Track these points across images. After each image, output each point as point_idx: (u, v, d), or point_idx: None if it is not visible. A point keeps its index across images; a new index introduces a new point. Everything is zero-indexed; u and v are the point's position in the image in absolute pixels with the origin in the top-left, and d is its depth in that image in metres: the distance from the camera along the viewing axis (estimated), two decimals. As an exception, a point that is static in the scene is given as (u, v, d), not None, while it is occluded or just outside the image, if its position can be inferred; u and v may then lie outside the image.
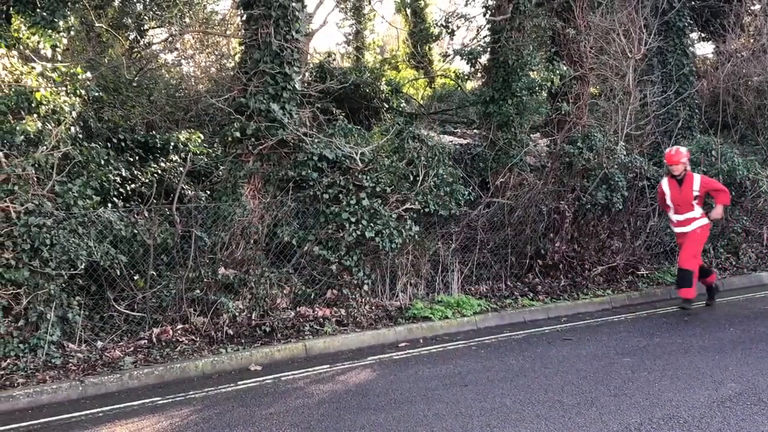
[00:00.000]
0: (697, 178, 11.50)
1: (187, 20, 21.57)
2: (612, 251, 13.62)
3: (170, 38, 22.13)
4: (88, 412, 7.39)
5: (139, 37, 20.45)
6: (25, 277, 8.41)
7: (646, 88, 16.70)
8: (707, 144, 15.12)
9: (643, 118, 16.02)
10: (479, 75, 15.78)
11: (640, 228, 14.13)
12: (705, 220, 11.54)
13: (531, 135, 14.56)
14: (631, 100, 14.97)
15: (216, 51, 22.33)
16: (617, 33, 15.38)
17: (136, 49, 20.22)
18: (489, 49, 14.04)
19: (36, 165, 9.01)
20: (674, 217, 11.74)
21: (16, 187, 8.56)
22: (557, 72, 13.48)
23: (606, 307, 12.07)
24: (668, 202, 11.74)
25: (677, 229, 11.79)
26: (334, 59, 21.69)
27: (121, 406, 7.57)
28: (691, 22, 19.66)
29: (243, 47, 11.95)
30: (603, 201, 13.01)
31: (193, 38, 22.65)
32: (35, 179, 8.89)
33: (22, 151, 9.30)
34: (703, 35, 24.36)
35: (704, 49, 26.35)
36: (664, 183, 11.79)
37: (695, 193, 11.40)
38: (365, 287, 10.93)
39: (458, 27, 16.59)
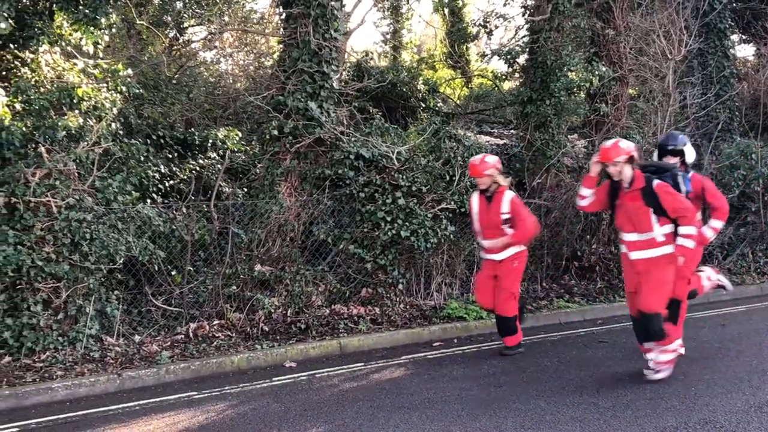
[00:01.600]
0: (507, 197, 8.86)
1: (226, 18, 21.74)
2: (649, 254, 13.49)
3: (209, 36, 22.29)
4: (125, 405, 7.48)
5: (178, 35, 20.61)
6: (65, 270, 8.52)
7: (685, 90, 16.55)
8: (747, 147, 14.92)
9: (683, 120, 15.85)
10: (517, 75, 15.72)
11: (678, 231, 13.98)
12: (521, 247, 9.05)
13: (568, 136, 14.48)
14: (670, 102, 14.80)
15: (254, 49, 22.48)
16: (657, 34, 15.22)
17: (175, 47, 20.39)
18: (527, 49, 13.99)
19: (77, 160, 9.13)
20: (482, 243, 9.16)
21: (57, 182, 8.67)
22: (596, 73, 13.39)
23: (642, 310, 11.96)
24: (475, 224, 9.22)
25: (486, 256, 9.13)
26: (371, 58, 21.74)
27: (158, 399, 7.64)
28: (732, 24, 19.43)
29: (282, 46, 12.03)
30: (641, 203, 12.89)
31: (232, 36, 22.81)
32: (76, 174, 8.99)
33: (64, 147, 9.43)
34: (744, 37, 24.07)
35: (745, 51, 26.09)
36: (474, 199, 9.20)
37: (504, 216, 8.82)
38: (400, 286, 10.94)
39: (496, 27, 16.57)
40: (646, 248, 7.59)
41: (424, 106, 18.61)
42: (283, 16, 11.93)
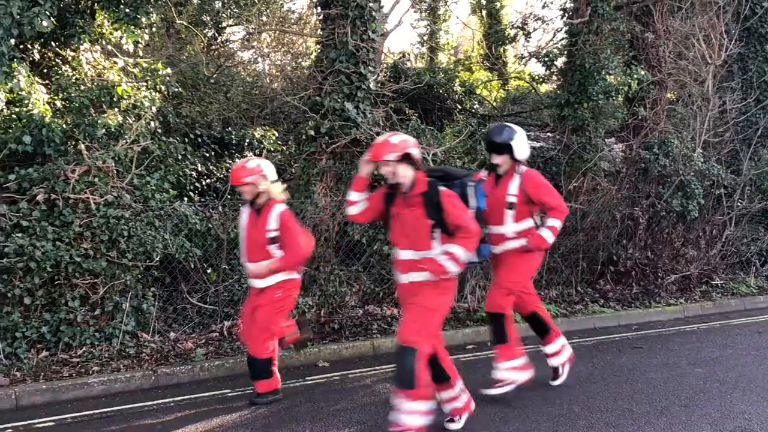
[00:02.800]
0: (276, 211, 7.17)
1: (264, 18, 21.84)
2: (686, 260, 13.38)
3: (247, 36, 22.42)
4: (159, 401, 7.54)
5: (216, 35, 20.75)
6: (103, 267, 8.60)
7: (725, 94, 16.37)
8: (788, 154, 14.78)
9: (722, 125, 15.70)
10: (554, 78, 15.65)
11: (716, 237, 13.86)
12: (292, 275, 7.29)
13: (606, 140, 14.38)
14: (709, 107, 14.68)
15: (291, 50, 22.55)
16: (697, 38, 15.10)
17: (213, 47, 20.53)
18: (565, 51, 13.92)
19: (116, 158, 9.22)
20: (246, 266, 7.42)
21: (96, 179, 8.76)
22: (635, 76, 13.27)
23: (678, 317, 11.88)
24: (241, 242, 7.56)
25: (251, 282, 7.39)
26: (408, 59, 21.70)
27: (192, 396, 7.70)
28: (775, 28, 19.15)
29: (319, 46, 12.07)
30: (678, 208, 12.79)
31: (270, 37, 22.91)
32: (115, 172, 9.08)
33: (103, 144, 9.53)
34: (786, 42, 23.73)
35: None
36: (244, 212, 7.48)
37: (270, 234, 7.12)
38: (434, 288, 10.90)
39: (534, 29, 16.51)
40: (420, 270, 6.08)
41: (460, 107, 18.56)
42: (321, 17, 11.99)
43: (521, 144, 7.30)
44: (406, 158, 6.04)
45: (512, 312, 7.53)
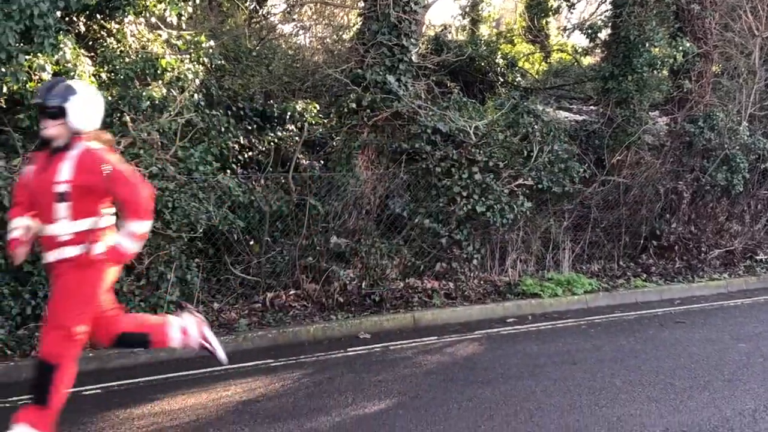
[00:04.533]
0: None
1: (306, -9, 21.79)
2: (730, 234, 13.27)
3: (288, 9, 22.39)
4: (204, 370, 7.62)
5: (258, 7, 20.73)
6: (148, 238, 8.69)
7: (772, 67, 16.12)
8: (836, 128, 14.52)
9: (768, 98, 15.48)
10: (598, 50, 15.48)
11: (761, 212, 13.71)
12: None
13: (650, 113, 14.23)
14: (756, 80, 14.45)
15: (333, 22, 22.50)
16: (744, 10, 14.84)
17: (255, 19, 20.53)
18: (610, 23, 13.77)
19: (160, 130, 9.29)
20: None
21: (141, 151, 8.85)
22: (680, 48, 13.10)
23: (722, 292, 11.78)
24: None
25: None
26: (449, 32, 21.56)
27: (236, 366, 7.76)
28: (824, -1, 18.76)
29: (361, 18, 12.05)
30: (723, 183, 12.66)
31: (311, 9, 22.88)
32: (159, 144, 9.16)
33: (148, 116, 9.60)
34: (836, 13, 23.22)
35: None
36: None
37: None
38: (474, 261, 10.92)
39: (578, 0, 16.34)
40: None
41: (502, 80, 18.43)
42: (363, -11, 11.96)
43: (83, 108, 5.23)
44: None
45: (73, 364, 5.20)
